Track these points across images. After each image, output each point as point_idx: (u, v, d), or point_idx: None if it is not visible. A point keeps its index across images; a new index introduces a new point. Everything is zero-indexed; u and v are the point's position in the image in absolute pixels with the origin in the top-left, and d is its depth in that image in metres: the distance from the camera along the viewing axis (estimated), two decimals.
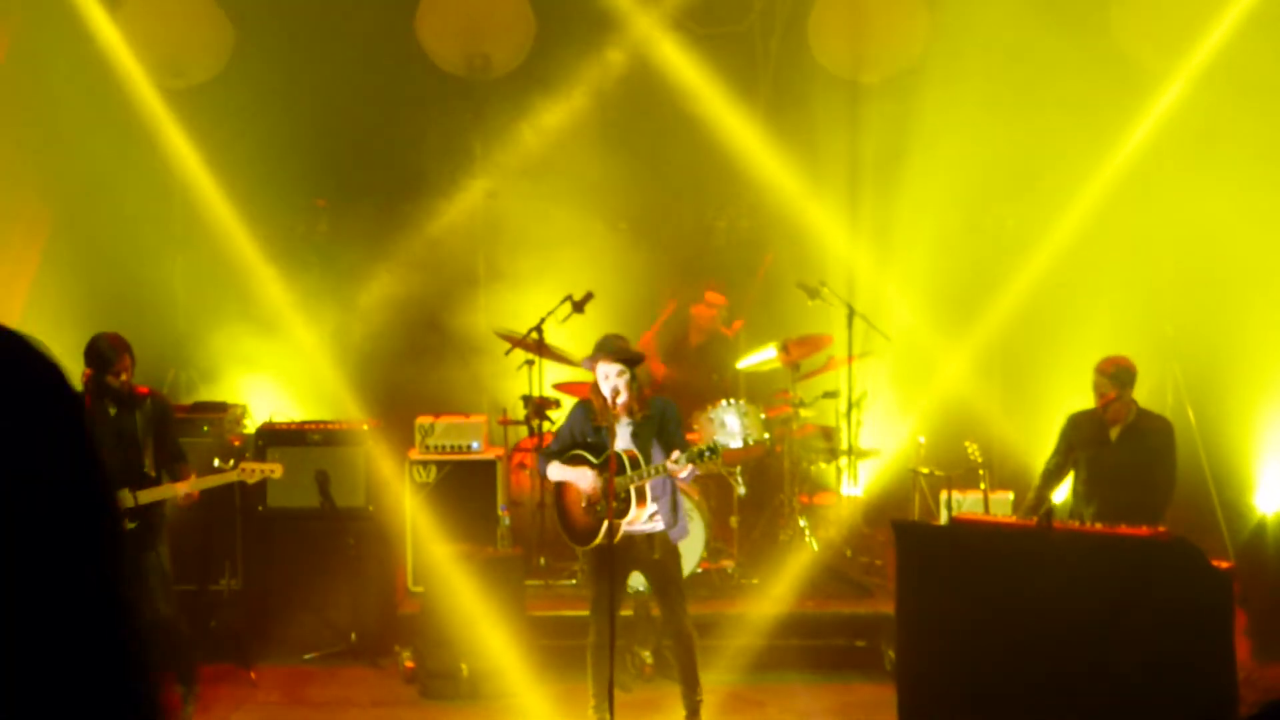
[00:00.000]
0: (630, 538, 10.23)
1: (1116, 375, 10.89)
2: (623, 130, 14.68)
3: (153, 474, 10.52)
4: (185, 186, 14.57)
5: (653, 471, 10.06)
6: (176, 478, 10.54)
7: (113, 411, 10.36)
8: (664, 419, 10.37)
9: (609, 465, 10.07)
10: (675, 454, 9.92)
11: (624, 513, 10.09)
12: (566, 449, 10.47)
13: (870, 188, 14.95)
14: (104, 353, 10.42)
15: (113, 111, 14.32)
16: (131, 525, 10.32)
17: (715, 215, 15.49)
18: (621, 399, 10.15)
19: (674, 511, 10.33)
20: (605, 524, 10.13)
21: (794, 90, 14.86)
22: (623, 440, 10.26)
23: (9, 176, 14.25)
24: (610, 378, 10.19)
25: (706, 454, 9.90)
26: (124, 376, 10.39)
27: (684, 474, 10.05)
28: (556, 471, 10.48)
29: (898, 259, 14.70)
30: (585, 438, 10.41)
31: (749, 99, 14.94)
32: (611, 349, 10.30)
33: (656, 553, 10.32)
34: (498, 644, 11.77)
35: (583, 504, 10.36)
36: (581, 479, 10.32)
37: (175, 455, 10.70)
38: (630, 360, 10.26)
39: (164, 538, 10.63)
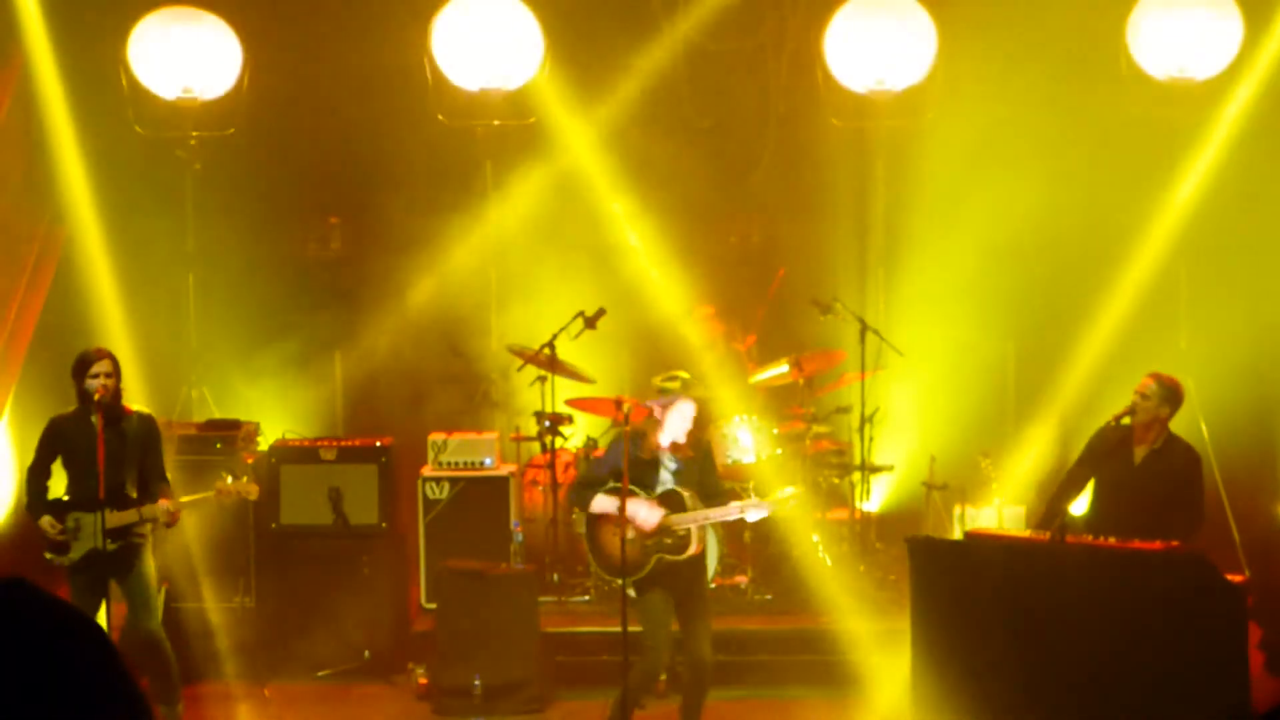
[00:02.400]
0: (677, 564, 10.23)
1: (1168, 389, 10.62)
2: (635, 145, 14.66)
3: (134, 494, 10.47)
4: (197, 204, 14.57)
5: (718, 514, 10.16)
6: (155, 498, 10.48)
7: (99, 427, 10.31)
8: (705, 461, 10.46)
9: (668, 500, 10.12)
10: (754, 500, 10.20)
11: (681, 550, 10.12)
12: (606, 480, 10.41)
13: (882, 202, 14.94)
14: (83, 357, 10.41)
15: (124, 130, 14.34)
16: (113, 547, 10.30)
17: (728, 231, 15.48)
18: (678, 434, 10.29)
19: (706, 547, 10.49)
20: (654, 559, 10.13)
21: (805, 105, 14.85)
22: (668, 479, 10.29)
23: (23, 198, 14.28)
24: (687, 419, 10.27)
25: (789, 499, 10.04)
26: (104, 380, 10.32)
27: (755, 516, 10.23)
28: (604, 503, 10.32)
29: (911, 273, 14.67)
30: (631, 471, 10.30)
31: (760, 114, 14.93)
32: (686, 385, 10.49)
33: (694, 579, 10.34)
34: (511, 661, 11.77)
35: (628, 534, 10.20)
36: (641, 514, 10.20)
37: (157, 476, 10.64)
38: (701, 407, 10.43)
39: (148, 554, 10.58)
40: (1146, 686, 8.73)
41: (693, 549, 10.14)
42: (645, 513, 10.18)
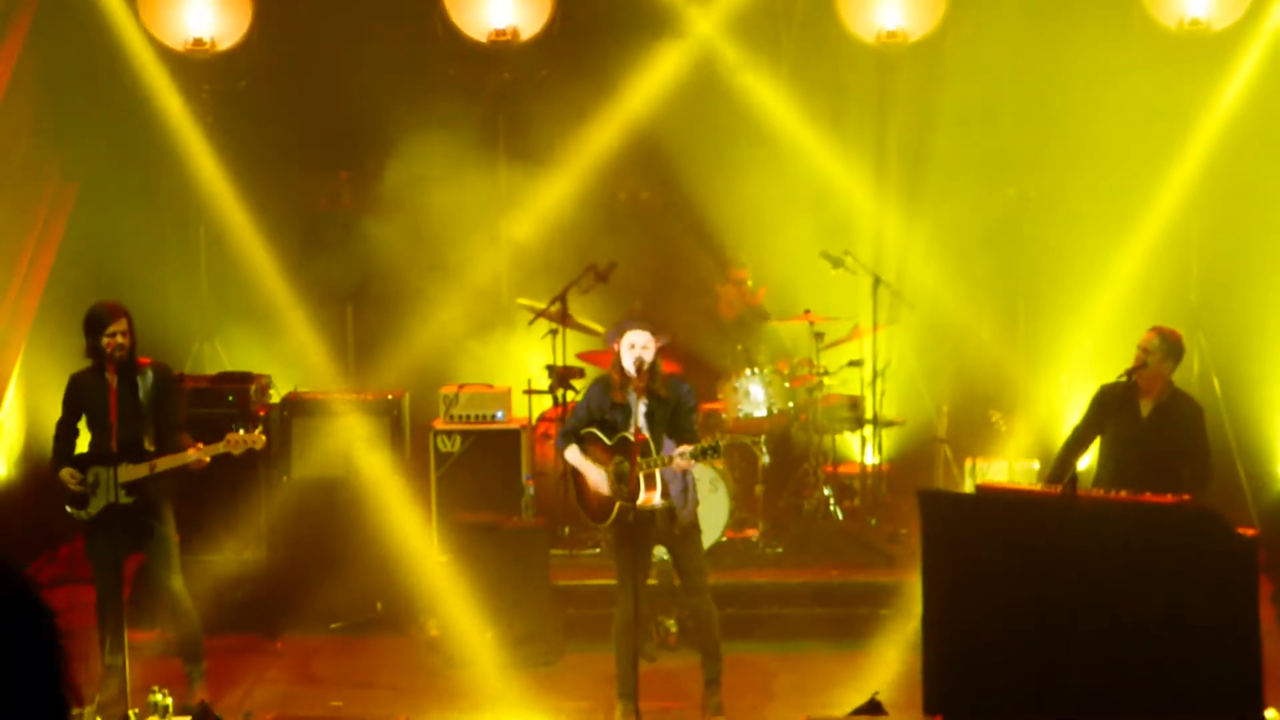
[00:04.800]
0: (651, 513, 10.17)
1: (1170, 343, 10.63)
2: (647, 97, 14.62)
3: (151, 448, 10.49)
4: (208, 158, 14.55)
5: (660, 461, 10.00)
6: (176, 449, 10.49)
7: (114, 383, 10.32)
8: (679, 404, 10.27)
9: (622, 447, 10.07)
10: (683, 449, 9.90)
11: (633, 497, 10.03)
12: (583, 425, 10.44)
13: (896, 154, 14.90)
14: (99, 316, 10.37)
15: (134, 85, 14.32)
16: (128, 500, 10.31)
17: (740, 183, 15.45)
18: (645, 368, 10.09)
19: (685, 493, 10.29)
20: (616, 505, 10.12)
21: (819, 56, 14.78)
22: (638, 421, 10.19)
23: (33, 152, 14.28)
24: (636, 347, 10.11)
25: (710, 452, 9.88)
26: (120, 339, 10.31)
27: (685, 466, 10.02)
28: (573, 456, 10.43)
29: (923, 226, 14.65)
30: (603, 414, 10.35)
31: (773, 65, 14.87)
32: (639, 318, 10.28)
33: (677, 529, 10.29)
34: (523, 613, 11.80)
35: (595, 484, 10.34)
36: (591, 470, 10.29)
37: (176, 426, 10.62)
38: (656, 329, 10.22)
39: (167, 510, 10.60)
40: (1157, 640, 8.74)
41: (643, 497, 10.04)
42: (595, 472, 10.26)
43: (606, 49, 14.62)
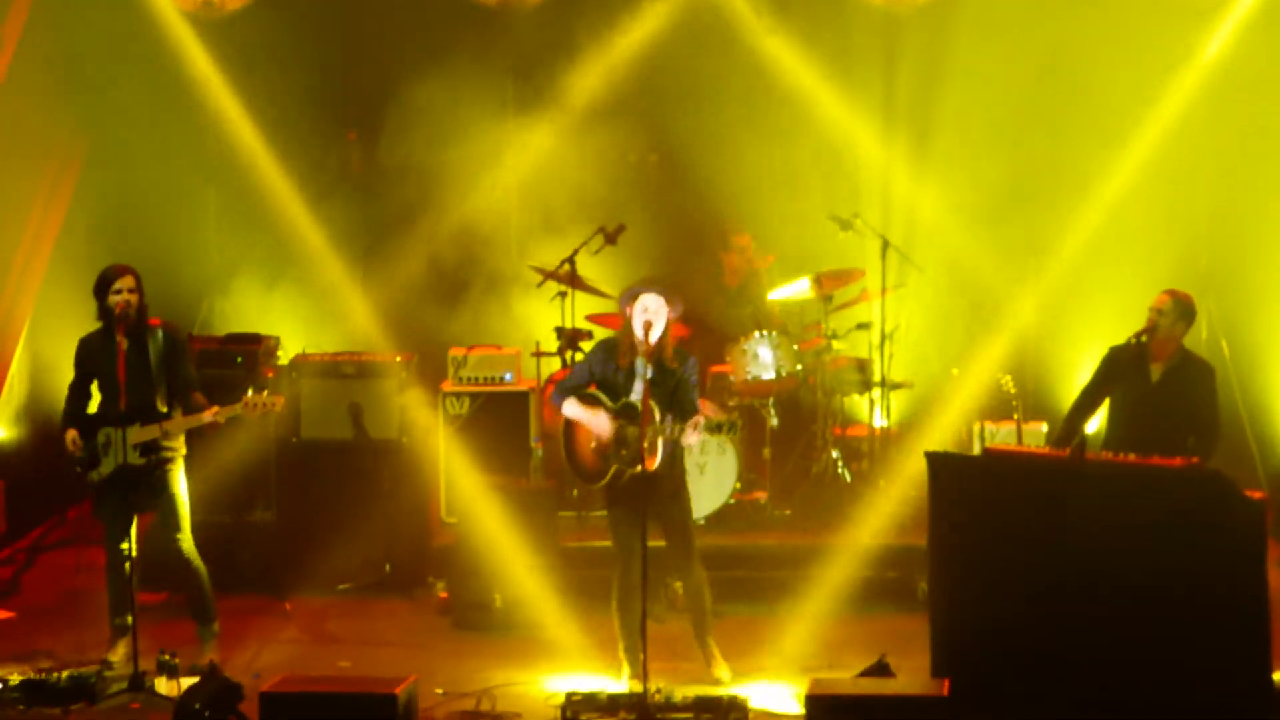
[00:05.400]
0: (646, 477, 10.12)
1: (1182, 305, 10.60)
2: (657, 60, 14.59)
3: (163, 409, 10.49)
4: (217, 119, 14.53)
5: (672, 431, 9.97)
6: (190, 409, 10.49)
7: (123, 345, 10.29)
8: (683, 378, 10.22)
9: (626, 412, 10.06)
10: (697, 419, 9.90)
11: (635, 463, 10.02)
12: (583, 386, 10.41)
13: (905, 117, 14.85)
14: (105, 274, 10.38)
15: (144, 44, 14.29)
16: (139, 462, 10.32)
17: (748, 146, 15.40)
18: (655, 334, 10.05)
19: (671, 461, 10.25)
20: (613, 469, 10.10)
21: (828, 16, 14.72)
22: (639, 388, 10.16)
23: (42, 110, 14.25)
24: (649, 310, 10.07)
25: (728, 428, 9.86)
26: (127, 296, 10.29)
27: (692, 440, 10.00)
28: (572, 409, 10.34)
29: (932, 190, 14.61)
30: (605, 377, 10.32)
31: (783, 27, 14.81)
32: (654, 281, 10.21)
33: (667, 494, 10.29)
34: (531, 575, 11.82)
35: (592, 445, 10.27)
36: (596, 422, 10.24)
37: (188, 386, 10.62)
38: (671, 295, 10.16)
39: (178, 471, 10.61)
40: (1164, 602, 8.74)
41: (647, 463, 10.02)
42: (600, 422, 10.20)
43: (617, 12, 14.56)
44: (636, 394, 10.12)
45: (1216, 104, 14.06)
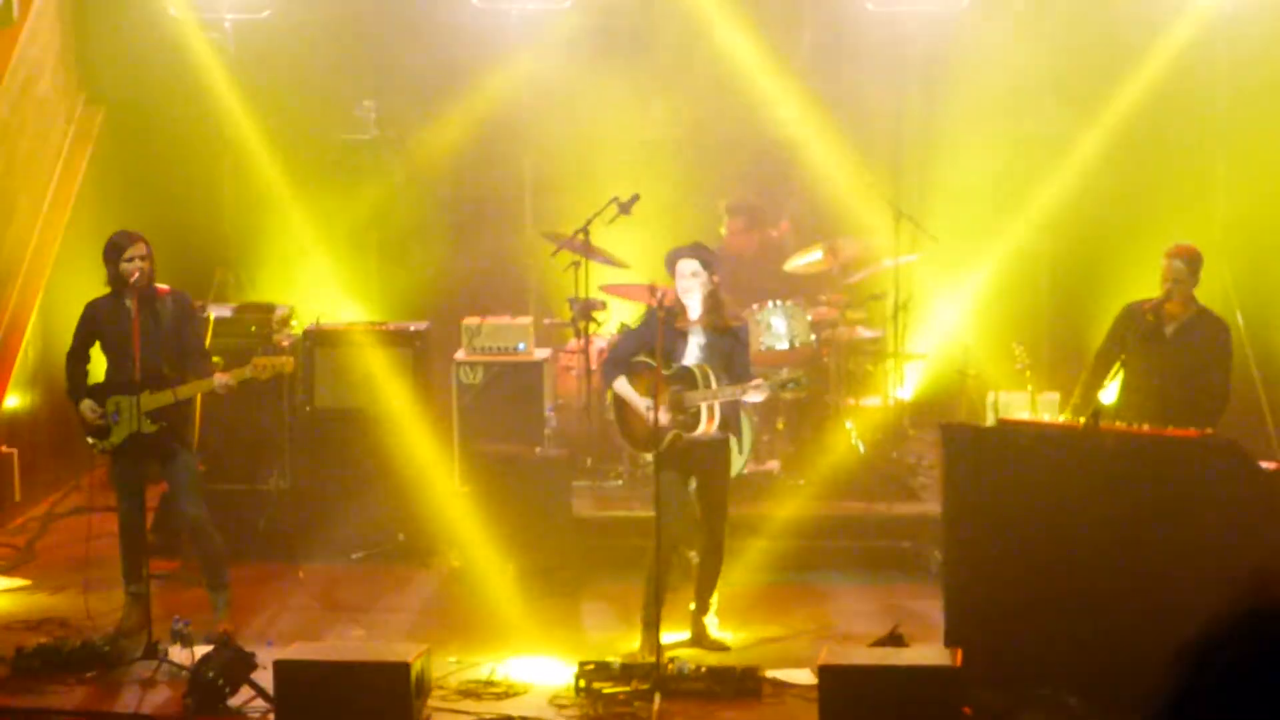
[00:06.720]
0: (694, 443, 10.20)
1: (1190, 260, 10.57)
2: (666, 31, 14.57)
3: (171, 376, 10.48)
4: (231, 86, 14.52)
5: (728, 393, 10.02)
6: (201, 376, 10.50)
7: (136, 310, 10.28)
8: (737, 340, 10.32)
9: (681, 376, 10.07)
10: (758, 381, 9.94)
11: (693, 427, 10.09)
12: (635, 353, 10.43)
13: (918, 88, 14.83)
14: (117, 241, 10.36)
15: (159, 12, 14.29)
16: (151, 428, 10.32)
17: (762, 120, 15.35)
18: (694, 299, 10.11)
19: (725, 426, 10.31)
20: (671, 435, 10.11)
21: None
22: (693, 353, 10.21)
23: (59, 79, 14.25)
24: (685, 275, 10.15)
25: (790, 385, 9.90)
26: (140, 263, 10.28)
27: (757, 398, 10.09)
28: (621, 387, 10.40)
29: (945, 159, 14.57)
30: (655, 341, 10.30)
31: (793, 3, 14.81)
32: (692, 246, 10.27)
33: (713, 461, 10.32)
34: (544, 545, 11.82)
35: (646, 409, 10.25)
36: (640, 402, 10.24)
37: (199, 352, 10.65)
38: (707, 261, 10.20)
39: (191, 437, 10.62)
40: (1179, 572, 8.74)
41: (703, 426, 10.10)
42: (644, 404, 10.20)
43: None
44: (690, 358, 10.17)
45: (1226, 71, 14.05)
